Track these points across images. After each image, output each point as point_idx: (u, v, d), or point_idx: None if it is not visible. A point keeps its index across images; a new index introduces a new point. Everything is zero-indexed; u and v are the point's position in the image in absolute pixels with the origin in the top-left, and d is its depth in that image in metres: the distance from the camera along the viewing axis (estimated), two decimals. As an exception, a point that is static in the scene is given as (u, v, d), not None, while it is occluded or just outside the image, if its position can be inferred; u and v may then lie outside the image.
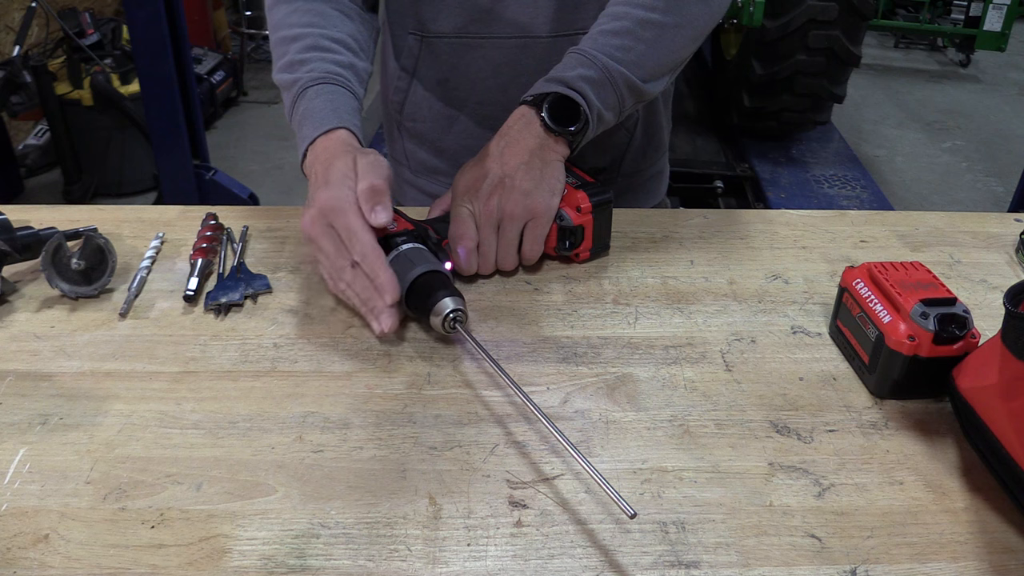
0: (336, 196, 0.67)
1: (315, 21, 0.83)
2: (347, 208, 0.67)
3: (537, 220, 0.75)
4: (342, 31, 0.84)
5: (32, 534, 0.51)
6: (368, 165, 0.69)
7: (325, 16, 0.84)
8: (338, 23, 0.84)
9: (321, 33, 0.82)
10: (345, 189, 0.67)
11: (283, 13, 0.84)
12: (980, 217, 0.91)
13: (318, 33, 0.82)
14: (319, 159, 0.73)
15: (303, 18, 0.83)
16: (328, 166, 0.70)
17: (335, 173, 0.69)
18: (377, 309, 0.66)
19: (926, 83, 4.79)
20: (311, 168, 0.74)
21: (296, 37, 0.82)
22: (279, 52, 0.83)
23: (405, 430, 0.60)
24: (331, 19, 0.84)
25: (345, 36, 0.84)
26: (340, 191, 0.67)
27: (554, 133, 0.76)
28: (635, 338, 0.70)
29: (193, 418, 0.61)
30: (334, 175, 0.69)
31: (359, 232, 0.66)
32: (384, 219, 0.67)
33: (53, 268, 0.72)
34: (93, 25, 3.09)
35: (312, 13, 0.83)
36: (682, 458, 0.58)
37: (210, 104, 3.62)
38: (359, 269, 0.67)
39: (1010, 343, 0.53)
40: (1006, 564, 0.51)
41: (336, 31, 0.83)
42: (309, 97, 0.78)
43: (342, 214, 0.66)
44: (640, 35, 0.78)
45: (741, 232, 0.86)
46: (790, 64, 2.81)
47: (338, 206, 0.67)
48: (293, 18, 0.83)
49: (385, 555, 0.51)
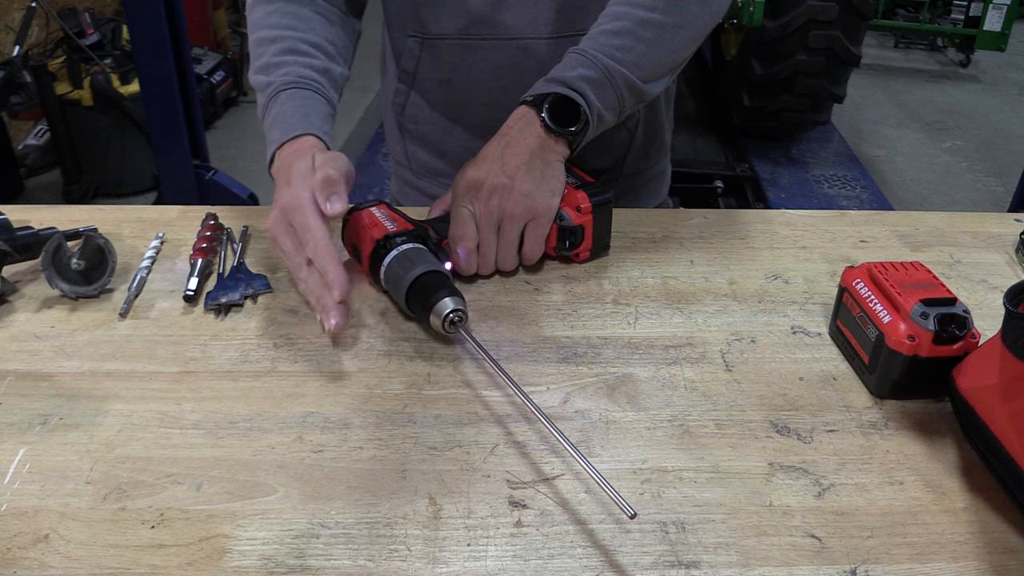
0: (294, 195, 0.67)
1: (293, 24, 0.83)
2: (304, 205, 0.67)
3: (537, 220, 0.75)
4: (320, 35, 0.84)
5: (32, 534, 0.51)
6: (325, 159, 0.70)
7: (304, 19, 0.84)
8: (316, 27, 0.84)
9: (298, 36, 0.82)
10: (303, 188, 0.68)
11: (262, 14, 0.84)
12: (980, 217, 0.91)
13: (295, 36, 0.82)
14: (284, 163, 0.73)
15: (281, 20, 0.83)
16: (289, 167, 0.71)
17: (295, 173, 0.69)
18: (327, 306, 0.66)
19: (926, 83, 4.79)
20: (277, 173, 0.74)
21: (273, 39, 0.82)
22: (256, 53, 0.83)
23: (405, 430, 0.60)
24: (310, 22, 0.84)
25: (323, 40, 0.84)
26: (299, 190, 0.68)
27: (554, 134, 0.76)
28: (635, 338, 0.70)
29: (193, 418, 0.61)
30: (294, 175, 0.69)
31: (313, 229, 0.66)
32: (339, 208, 0.67)
33: (53, 268, 0.72)
34: (93, 25, 3.09)
35: (291, 16, 0.83)
36: (682, 458, 0.58)
37: (210, 104, 3.62)
38: (314, 267, 0.67)
39: (1010, 343, 0.53)
40: (1006, 564, 0.51)
41: (314, 35, 0.83)
42: (281, 101, 0.78)
43: (299, 212, 0.67)
44: (640, 35, 0.78)
45: (741, 232, 0.86)
46: (790, 64, 2.81)
47: (295, 204, 0.67)
48: (272, 19, 0.83)
49: (385, 555, 0.51)
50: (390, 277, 0.70)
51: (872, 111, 4.34)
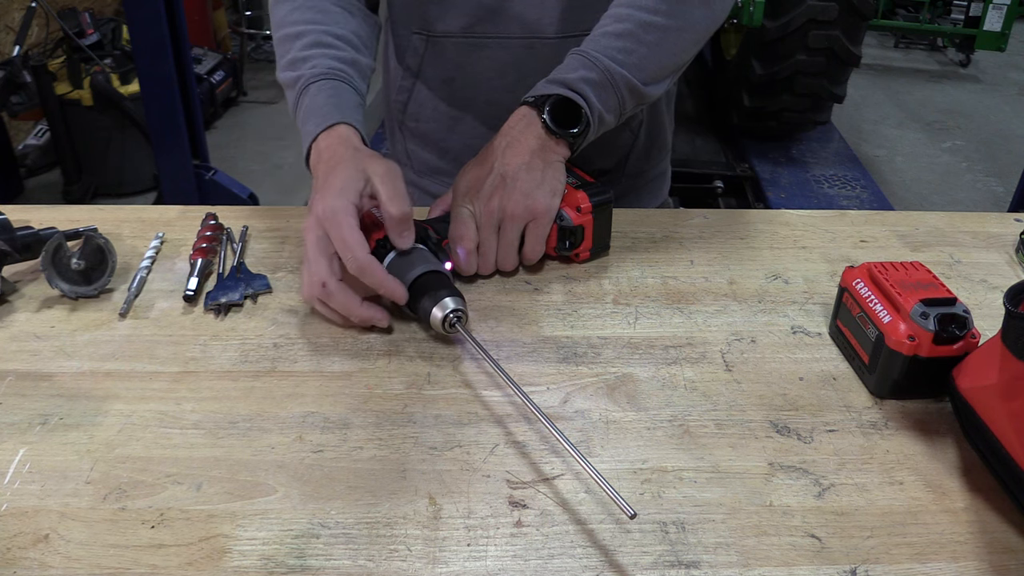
0: (333, 207, 0.66)
1: (317, 18, 0.83)
2: (342, 220, 0.66)
3: (538, 221, 0.75)
4: (344, 28, 0.84)
5: (32, 534, 0.51)
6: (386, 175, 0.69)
7: (327, 12, 0.84)
8: (340, 20, 0.84)
9: (323, 30, 0.82)
10: (344, 200, 0.67)
11: (285, 11, 0.84)
12: (980, 217, 0.91)
13: (320, 30, 0.82)
14: (323, 158, 0.73)
15: (305, 15, 0.83)
16: (331, 170, 0.70)
17: (337, 180, 0.69)
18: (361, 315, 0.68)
19: (926, 83, 4.79)
20: (315, 167, 0.74)
21: (298, 35, 0.82)
22: (282, 50, 0.83)
23: (405, 430, 0.60)
24: (333, 15, 0.84)
25: (348, 32, 0.84)
26: (339, 201, 0.67)
27: (555, 135, 0.76)
28: (635, 338, 0.70)
29: (193, 418, 0.61)
30: (336, 182, 0.68)
31: (354, 246, 0.66)
32: (408, 244, 0.70)
33: (53, 268, 0.72)
34: (93, 25, 3.09)
35: (314, 10, 0.83)
36: (682, 458, 0.58)
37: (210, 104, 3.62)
38: (342, 294, 0.66)
39: (1010, 343, 0.53)
40: (1006, 564, 0.51)
41: (338, 27, 0.83)
42: (312, 93, 0.78)
43: (337, 226, 0.66)
44: (642, 38, 0.78)
45: (741, 232, 0.86)
46: (790, 64, 2.81)
47: (334, 217, 0.66)
48: (295, 15, 0.83)
49: (385, 555, 0.51)
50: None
51: (872, 111, 4.34)
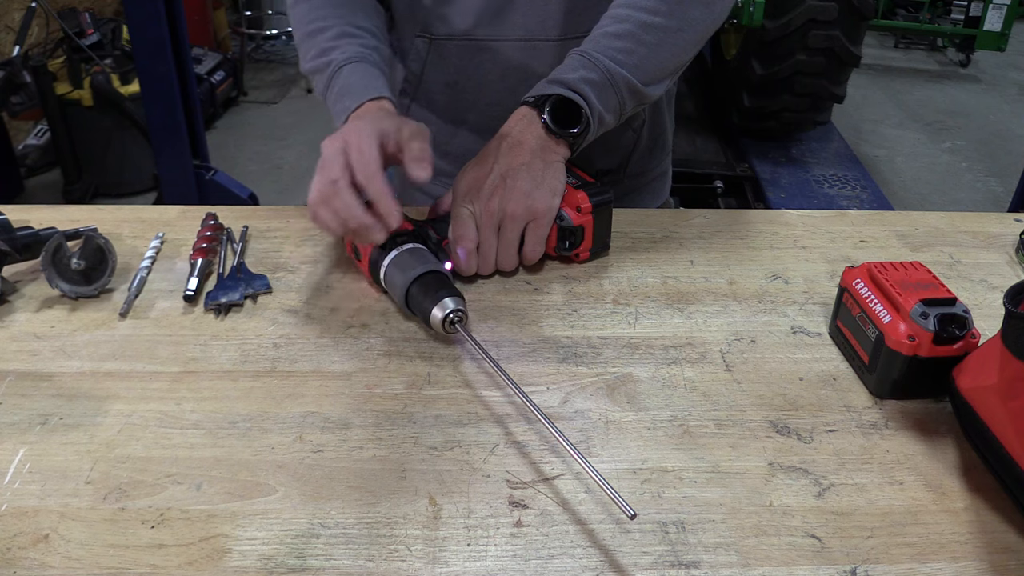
0: (359, 127, 0.69)
1: (339, 12, 0.86)
2: (364, 137, 0.68)
3: (538, 221, 0.75)
4: (365, 21, 0.87)
5: (32, 534, 0.51)
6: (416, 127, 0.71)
7: (347, 6, 0.87)
8: (360, 13, 0.88)
9: (347, 22, 0.85)
10: (372, 126, 0.69)
11: (305, 9, 0.87)
12: (980, 217, 0.91)
13: (344, 22, 0.85)
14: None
15: (325, 11, 0.86)
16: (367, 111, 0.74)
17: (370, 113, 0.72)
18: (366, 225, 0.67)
19: (926, 83, 4.79)
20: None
21: (323, 28, 0.85)
22: (308, 45, 0.85)
23: (405, 430, 0.60)
24: (352, 9, 0.87)
25: (370, 24, 0.87)
26: (367, 126, 0.69)
27: (555, 135, 0.76)
28: (635, 338, 0.70)
29: (193, 418, 0.61)
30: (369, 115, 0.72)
31: (368, 156, 0.67)
32: (424, 176, 0.69)
33: (53, 268, 0.72)
34: (93, 25, 3.09)
35: (334, 5, 0.86)
36: (682, 458, 0.58)
37: (210, 104, 3.62)
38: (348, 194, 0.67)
39: (1010, 343, 0.53)
40: (1006, 564, 0.51)
41: (360, 20, 0.87)
42: (345, 75, 0.81)
43: (357, 136, 0.68)
44: (642, 38, 0.78)
45: (741, 232, 0.86)
46: (790, 64, 2.81)
47: (358, 133, 0.69)
48: (316, 12, 0.86)
49: (385, 555, 0.51)
50: (390, 277, 0.70)
51: (872, 111, 4.34)
